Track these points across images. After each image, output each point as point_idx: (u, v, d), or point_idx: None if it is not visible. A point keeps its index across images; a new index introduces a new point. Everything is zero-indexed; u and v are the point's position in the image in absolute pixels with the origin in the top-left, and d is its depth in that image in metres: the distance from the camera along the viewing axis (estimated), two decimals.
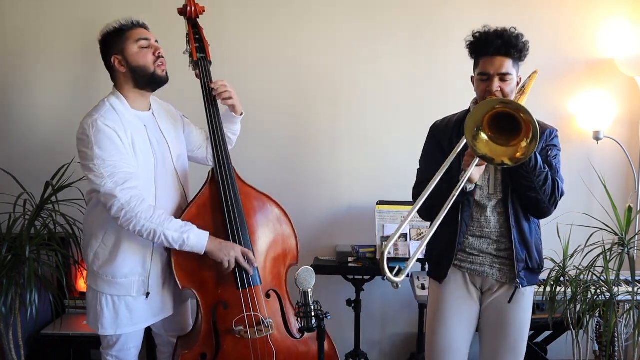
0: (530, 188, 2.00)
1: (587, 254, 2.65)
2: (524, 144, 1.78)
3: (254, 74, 3.18)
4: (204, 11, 2.44)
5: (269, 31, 3.19)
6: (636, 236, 2.76)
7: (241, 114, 2.46)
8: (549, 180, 2.02)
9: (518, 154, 1.79)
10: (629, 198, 3.16)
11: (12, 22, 3.19)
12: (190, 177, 2.44)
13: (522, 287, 2.10)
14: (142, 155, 2.16)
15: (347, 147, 3.25)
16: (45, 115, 3.24)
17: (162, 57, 2.22)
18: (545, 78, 3.13)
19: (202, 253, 2.16)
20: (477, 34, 2.08)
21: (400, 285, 1.67)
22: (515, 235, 2.08)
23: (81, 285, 3.12)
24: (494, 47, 2.01)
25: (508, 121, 1.81)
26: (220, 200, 2.26)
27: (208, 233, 2.18)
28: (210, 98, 2.35)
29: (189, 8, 2.40)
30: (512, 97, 2.05)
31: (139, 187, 2.11)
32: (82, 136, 2.09)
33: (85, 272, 2.89)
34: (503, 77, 2.02)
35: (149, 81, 2.21)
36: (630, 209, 2.75)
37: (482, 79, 2.05)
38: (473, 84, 2.15)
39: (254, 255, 2.26)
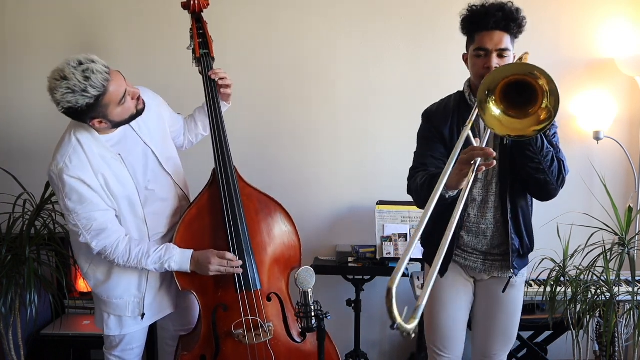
0: (539, 170, 1.93)
1: (587, 254, 2.64)
2: (545, 103, 1.69)
3: (253, 74, 3.17)
4: (208, 5, 2.37)
5: (269, 31, 3.19)
6: (636, 236, 2.76)
7: (228, 104, 2.43)
8: (555, 160, 1.96)
9: (543, 115, 1.70)
10: (629, 198, 3.15)
11: (13, 21, 3.19)
12: (194, 176, 2.43)
13: (516, 276, 2.11)
14: (119, 190, 2.09)
15: (347, 147, 3.25)
16: (45, 115, 3.22)
17: (140, 96, 2.08)
18: None
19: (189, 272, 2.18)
20: (475, 7, 1.97)
21: (414, 334, 1.23)
22: (511, 230, 2.05)
23: (81, 285, 3.12)
24: (495, 20, 1.91)
25: (520, 92, 1.69)
26: (220, 201, 2.23)
27: (190, 255, 2.15)
28: (213, 96, 2.29)
29: (192, 2, 2.33)
30: None
31: (117, 230, 2.09)
32: (52, 183, 2.07)
33: None
34: (502, 52, 1.93)
35: (130, 121, 2.10)
36: (630, 209, 2.75)
37: (479, 55, 1.96)
38: (465, 62, 2.06)
39: (252, 255, 2.24)
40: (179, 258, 2.14)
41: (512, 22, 1.93)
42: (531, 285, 2.87)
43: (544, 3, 3.14)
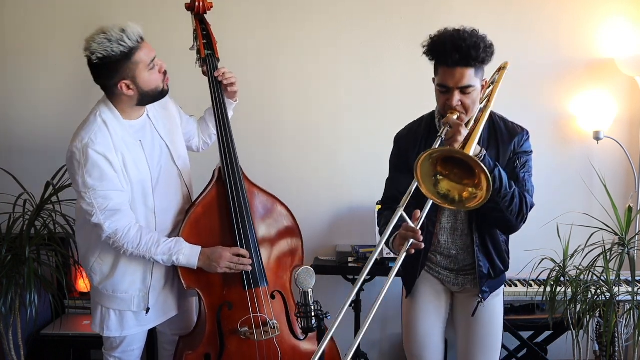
0: (496, 209, 1.89)
1: (587, 254, 2.64)
2: (472, 189, 1.63)
3: (254, 74, 3.17)
4: (211, 7, 2.39)
5: (270, 31, 3.19)
6: (636, 236, 2.76)
7: (235, 101, 2.45)
8: (516, 198, 1.88)
9: (465, 193, 1.65)
10: (629, 198, 3.15)
11: (12, 20, 3.19)
12: (193, 175, 2.44)
13: (485, 300, 2.06)
14: (135, 174, 2.11)
15: (348, 147, 3.25)
16: (45, 114, 3.23)
17: (167, 73, 2.15)
18: (545, 78, 3.15)
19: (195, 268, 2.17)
20: (433, 40, 1.90)
21: None
22: (478, 256, 2.03)
23: (81, 285, 3.12)
24: (452, 60, 1.83)
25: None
26: (227, 199, 2.25)
27: (199, 251, 2.16)
28: (218, 95, 2.31)
29: (197, 3, 2.36)
30: (476, 108, 1.93)
31: (130, 215, 2.09)
32: (73, 161, 2.04)
33: (85, 273, 2.90)
34: (464, 89, 1.86)
35: (155, 99, 2.15)
36: (630, 209, 2.75)
37: (442, 91, 1.90)
38: (434, 84, 1.99)
39: (259, 253, 2.26)
40: (188, 252, 2.14)
41: (472, 60, 1.83)
42: (531, 285, 2.87)
43: (543, 2, 3.14)
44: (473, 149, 1.72)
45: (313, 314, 1.93)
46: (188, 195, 2.33)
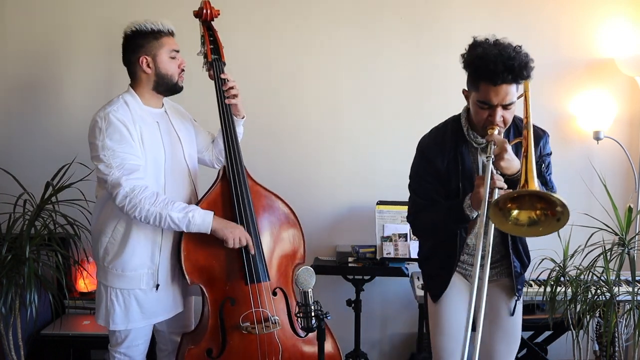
0: None
1: (587, 254, 2.65)
2: (547, 211, 1.69)
3: (254, 76, 3.17)
4: (218, 14, 2.48)
5: (270, 33, 3.19)
6: (636, 236, 2.76)
7: (243, 117, 2.51)
8: None
9: (539, 212, 1.71)
10: (629, 198, 3.15)
11: (13, 21, 3.19)
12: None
13: (520, 297, 2.15)
14: (151, 150, 2.20)
15: (348, 147, 3.25)
16: (45, 115, 3.23)
17: (183, 71, 2.31)
18: (545, 78, 3.14)
19: (209, 232, 2.19)
20: (479, 57, 1.86)
21: None
22: (513, 257, 2.10)
23: (81, 285, 3.12)
24: (502, 79, 1.82)
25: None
26: (231, 197, 2.31)
27: (212, 212, 2.22)
28: (224, 98, 2.40)
29: (204, 11, 2.45)
30: (510, 119, 1.95)
31: (146, 179, 2.16)
32: (94, 128, 2.15)
33: (85, 272, 2.92)
34: (506, 106, 1.87)
35: (169, 89, 2.30)
36: (630, 209, 2.74)
37: (483, 107, 1.89)
38: (466, 98, 2.00)
39: (261, 249, 2.31)
40: (203, 212, 2.20)
41: (521, 79, 1.86)
42: (531, 285, 2.87)
43: (544, 3, 3.15)
44: (537, 184, 1.71)
45: (313, 314, 1.93)
46: (195, 194, 2.40)
